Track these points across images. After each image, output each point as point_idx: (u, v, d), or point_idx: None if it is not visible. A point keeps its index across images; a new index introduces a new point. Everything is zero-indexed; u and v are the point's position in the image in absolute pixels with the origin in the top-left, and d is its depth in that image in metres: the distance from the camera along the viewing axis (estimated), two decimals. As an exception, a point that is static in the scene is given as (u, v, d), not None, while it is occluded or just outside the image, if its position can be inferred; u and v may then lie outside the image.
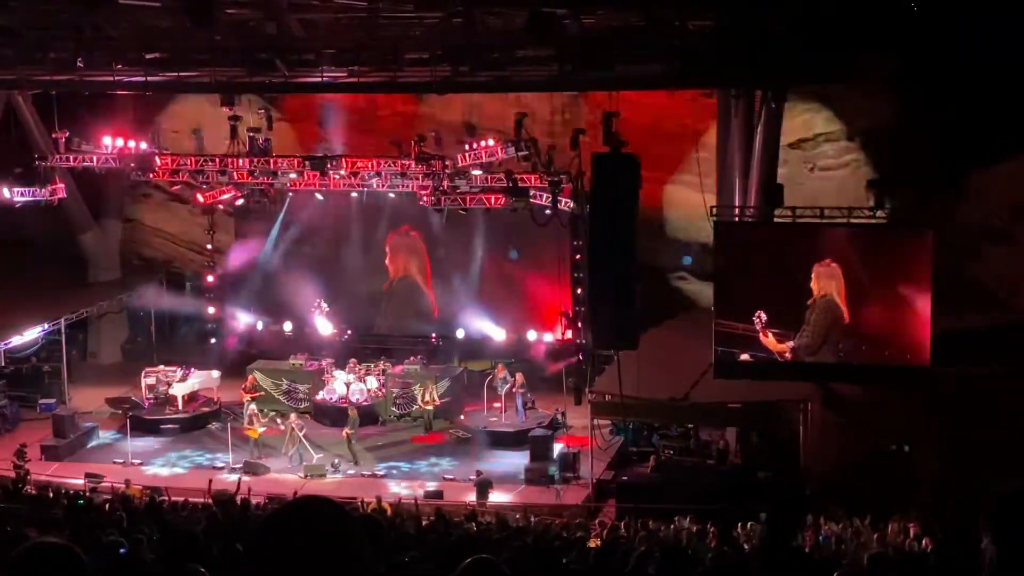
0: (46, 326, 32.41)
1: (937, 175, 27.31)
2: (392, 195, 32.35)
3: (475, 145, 29.57)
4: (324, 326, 34.87)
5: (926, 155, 27.47)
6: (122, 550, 8.24)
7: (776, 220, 25.75)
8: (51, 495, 23.36)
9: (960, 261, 27.11)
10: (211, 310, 35.70)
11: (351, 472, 28.44)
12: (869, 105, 28.84)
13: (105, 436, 31.21)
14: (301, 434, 29.10)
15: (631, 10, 25.01)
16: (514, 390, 30.92)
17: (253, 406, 30.29)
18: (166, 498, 23.98)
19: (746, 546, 18.72)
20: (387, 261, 34.93)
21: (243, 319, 35.68)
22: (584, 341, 29.83)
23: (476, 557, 4.64)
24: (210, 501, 23.26)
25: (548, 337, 32.75)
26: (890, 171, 28.49)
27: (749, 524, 21.26)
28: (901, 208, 26.21)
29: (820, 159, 31.05)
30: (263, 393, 31.66)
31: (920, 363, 24.74)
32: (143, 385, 32.46)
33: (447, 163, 29.85)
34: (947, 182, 27.46)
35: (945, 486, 23.10)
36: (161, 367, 33.07)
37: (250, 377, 31.95)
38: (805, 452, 26.33)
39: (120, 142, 31.94)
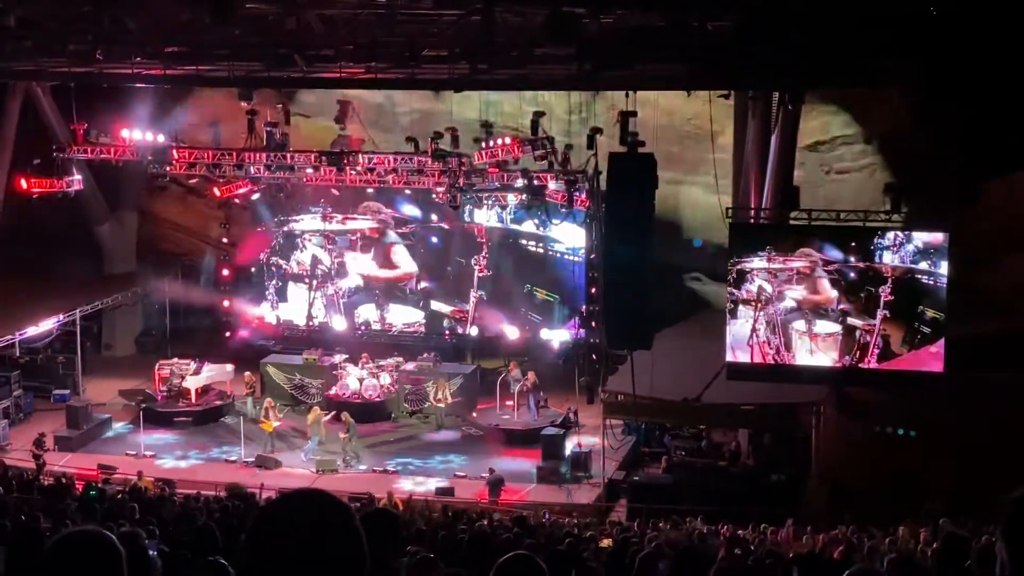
0: (61, 317, 32.52)
1: (954, 181, 27.25)
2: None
3: (492, 143, 29.60)
4: (338, 322, 35.00)
5: (944, 160, 27.40)
6: (152, 552, 8.26)
7: (792, 223, 25.72)
8: (64, 485, 23.44)
9: (975, 268, 27.03)
10: (225, 303, 35.78)
11: (363, 468, 28.50)
12: (887, 109, 28.80)
13: (118, 428, 31.32)
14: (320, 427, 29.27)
15: (650, 10, 24.95)
16: (527, 389, 30.94)
17: (269, 399, 30.39)
18: (178, 490, 24.08)
19: (754, 546, 18.71)
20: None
21: (257, 312, 35.80)
22: (598, 340, 29.83)
23: (515, 553, 4.65)
24: (223, 494, 23.33)
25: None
26: (907, 175, 28.43)
27: (762, 526, 21.26)
28: (917, 213, 26.15)
29: (837, 162, 31.01)
30: (253, 390, 31.70)
31: (933, 369, 24.72)
32: (157, 377, 32.58)
33: (463, 160, 29.87)
34: (964, 188, 27.39)
35: (957, 492, 23.05)
36: (175, 360, 33.17)
37: (247, 374, 32.08)
38: (817, 455, 26.30)
39: (138, 135, 32.04)
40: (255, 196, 34.42)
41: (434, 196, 32.11)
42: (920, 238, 24.79)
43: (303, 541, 2.65)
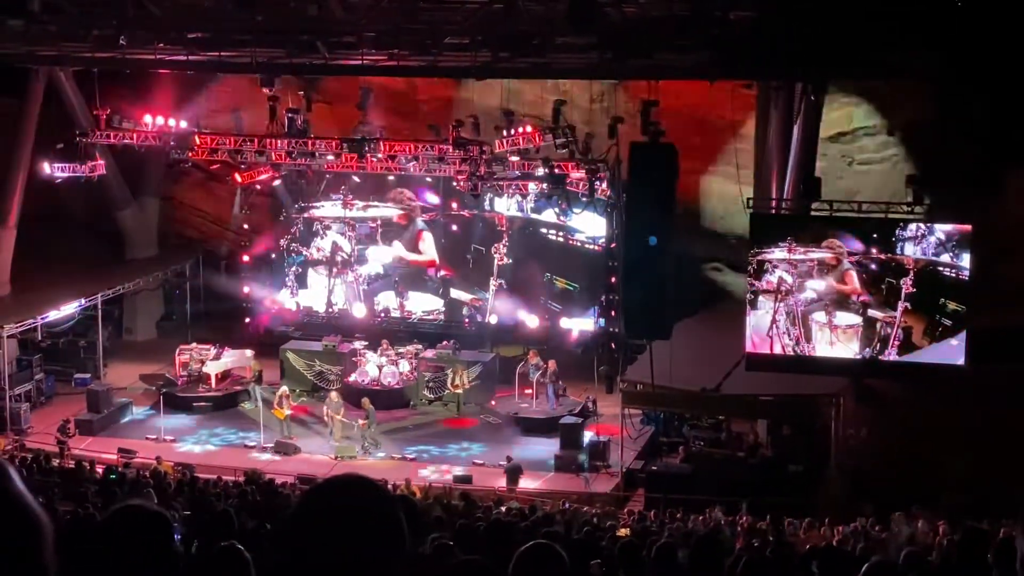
0: (83, 301, 32.66)
1: (977, 172, 27.10)
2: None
3: (513, 131, 29.57)
4: (358, 309, 35.07)
5: (966, 151, 27.25)
6: (176, 536, 8.31)
7: (813, 214, 25.63)
8: (84, 469, 23.57)
9: (998, 259, 26.89)
10: (245, 289, 35.89)
11: (381, 455, 28.57)
12: (910, 100, 28.64)
13: (138, 412, 31.45)
14: (339, 414, 29.35)
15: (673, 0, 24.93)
16: (546, 377, 30.94)
17: (285, 388, 30.48)
18: (197, 475, 24.18)
19: (772, 537, 18.69)
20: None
21: (277, 299, 35.90)
22: (617, 330, 29.80)
23: (535, 542, 4.66)
24: (241, 479, 23.43)
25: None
26: (930, 167, 28.27)
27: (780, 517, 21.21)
28: (940, 204, 26.03)
29: (859, 153, 30.85)
30: (256, 377, 31.79)
31: (954, 362, 24.60)
32: (177, 362, 32.72)
33: (484, 149, 29.86)
34: (987, 179, 27.24)
35: (976, 485, 22.97)
36: (195, 345, 33.31)
37: (252, 362, 32.21)
38: (836, 447, 26.24)
39: (160, 120, 32.13)
40: (276, 182, 34.52)
41: (455, 184, 32.13)
42: (942, 230, 24.67)
43: (345, 528, 2.64)
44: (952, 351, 24.59)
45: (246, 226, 35.92)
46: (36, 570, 2.05)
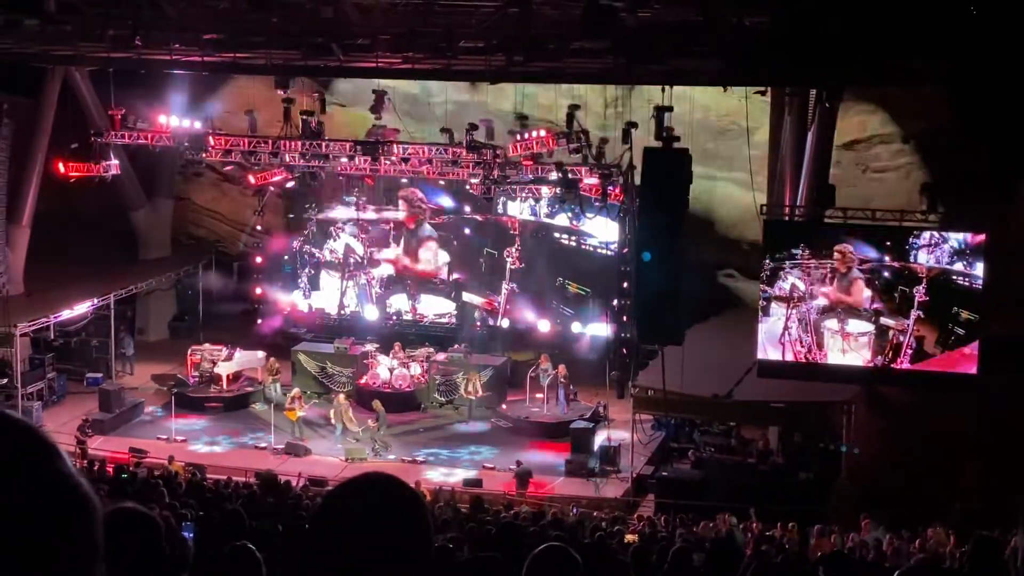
0: (96, 301, 32.71)
1: (991, 180, 27.04)
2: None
3: (527, 135, 29.56)
4: (370, 311, 35.11)
5: (981, 159, 27.19)
6: (187, 534, 8.34)
7: (827, 221, 25.60)
8: (96, 469, 23.61)
9: (1012, 268, 26.81)
10: (258, 290, 35.93)
11: (391, 457, 28.58)
12: (925, 108, 28.56)
13: (150, 412, 31.50)
14: (349, 414, 29.39)
15: (687, 5, 24.91)
16: (557, 382, 30.91)
17: (297, 388, 30.53)
18: (208, 475, 24.22)
19: (787, 545, 18.68)
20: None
21: (289, 300, 35.95)
22: (629, 335, 29.78)
23: (549, 544, 4.66)
24: (252, 480, 23.46)
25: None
26: (944, 175, 28.23)
27: (791, 524, 21.19)
28: (954, 212, 25.97)
29: (874, 160, 30.80)
30: (278, 375, 31.82)
31: (966, 371, 24.53)
32: (189, 363, 32.76)
33: (498, 152, 29.87)
34: (1001, 188, 27.17)
35: (988, 493, 22.90)
36: (207, 345, 33.35)
37: (270, 360, 32.22)
38: (848, 455, 26.17)
39: (174, 121, 32.19)
40: (289, 184, 34.57)
41: (468, 187, 32.13)
42: (956, 238, 24.61)
43: (371, 527, 2.62)
44: (964, 360, 24.53)
45: (259, 227, 35.97)
46: (87, 549, 2.05)
